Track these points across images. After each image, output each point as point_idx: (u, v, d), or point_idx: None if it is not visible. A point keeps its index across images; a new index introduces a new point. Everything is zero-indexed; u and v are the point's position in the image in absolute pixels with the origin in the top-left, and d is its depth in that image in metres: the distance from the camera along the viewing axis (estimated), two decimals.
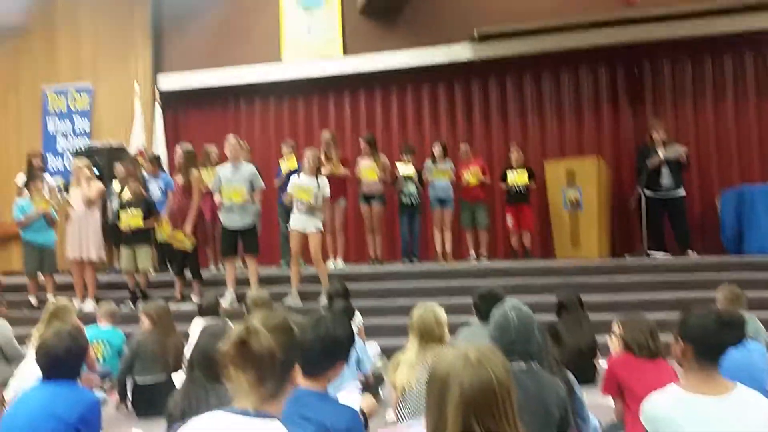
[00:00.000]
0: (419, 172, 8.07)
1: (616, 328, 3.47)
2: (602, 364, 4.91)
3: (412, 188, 7.97)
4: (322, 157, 7.84)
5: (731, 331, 2.21)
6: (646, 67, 8.79)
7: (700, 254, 7.58)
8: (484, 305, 3.85)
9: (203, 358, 2.65)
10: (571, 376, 3.00)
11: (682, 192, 7.74)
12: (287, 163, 7.86)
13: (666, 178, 7.65)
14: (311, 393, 2.24)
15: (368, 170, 7.86)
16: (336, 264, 7.94)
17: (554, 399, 2.40)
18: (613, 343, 3.48)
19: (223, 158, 7.74)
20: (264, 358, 1.55)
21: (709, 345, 2.19)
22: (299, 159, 7.39)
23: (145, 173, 8.16)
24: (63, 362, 2.86)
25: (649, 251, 7.61)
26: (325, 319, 2.39)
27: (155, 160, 8.20)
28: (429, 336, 3.31)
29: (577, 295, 5.04)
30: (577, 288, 5.97)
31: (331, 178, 7.55)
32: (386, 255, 8.45)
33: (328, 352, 2.29)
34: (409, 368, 3.20)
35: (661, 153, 7.58)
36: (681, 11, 7.98)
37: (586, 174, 7.70)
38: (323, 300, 6.66)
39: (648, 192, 7.65)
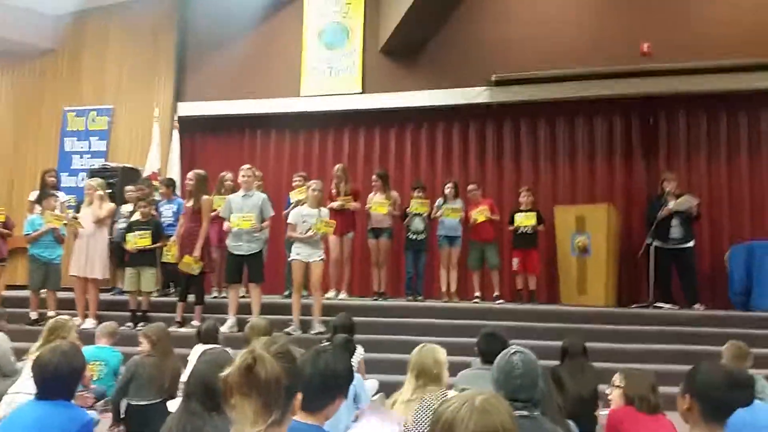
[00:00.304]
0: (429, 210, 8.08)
1: (617, 379, 3.42)
2: (603, 413, 4.82)
3: (420, 225, 7.97)
4: (333, 190, 7.90)
5: (741, 391, 2.17)
6: (661, 118, 8.82)
7: (707, 308, 7.48)
8: (487, 347, 3.80)
9: (201, 386, 2.58)
10: (572, 426, 2.95)
11: (691, 244, 7.69)
12: (298, 194, 7.89)
13: (675, 229, 7.61)
14: (309, 427, 2.22)
15: (379, 205, 7.90)
16: (338, 296, 7.94)
17: None
18: (614, 394, 3.42)
19: (237, 186, 7.83)
20: (270, 385, 1.54)
21: (718, 404, 2.14)
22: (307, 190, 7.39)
23: (158, 196, 8.26)
24: (58, 380, 2.83)
25: (655, 302, 7.54)
26: (325, 354, 2.36)
27: (170, 184, 8.29)
28: (426, 376, 3.29)
29: (583, 342, 4.96)
30: (581, 334, 5.91)
31: (341, 212, 7.61)
32: (390, 290, 8.42)
33: (327, 387, 2.27)
34: (404, 407, 3.16)
35: (672, 204, 7.56)
36: (698, 66, 8.04)
37: (596, 221, 7.67)
38: (316, 327, 6.67)
39: (657, 242, 7.61)
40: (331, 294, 8.05)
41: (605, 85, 8.51)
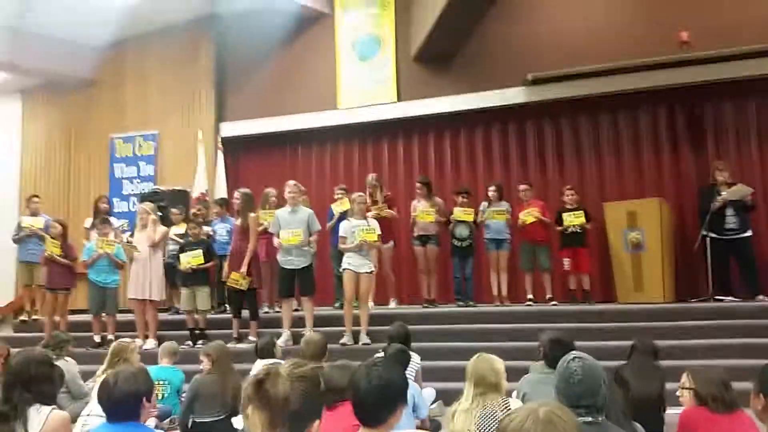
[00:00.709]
0: (474, 214, 8.02)
1: (685, 380, 3.31)
2: (671, 413, 4.69)
3: (464, 231, 7.93)
4: (368, 200, 7.90)
5: None
6: (707, 107, 8.59)
7: None
8: (552, 353, 3.75)
9: None
10: (639, 428, 2.88)
11: (748, 234, 7.44)
12: (340, 206, 7.95)
13: (731, 219, 7.39)
14: None
15: (425, 213, 7.88)
16: (391, 304, 7.98)
17: None
18: (684, 396, 3.31)
19: (281, 201, 7.94)
20: (278, 402, 1.57)
21: None
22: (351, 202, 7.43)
23: (214, 216, 8.49)
24: (125, 403, 2.85)
25: (716, 296, 7.32)
26: (376, 368, 2.36)
27: (223, 203, 8.48)
28: (484, 384, 3.29)
29: (652, 341, 4.83)
30: (641, 333, 5.78)
31: (378, 221, 7.58)
32: (439, 297, 8.38)
33: (384, 398, 2.26)
34: (465, 416, 3.16)
35: (725, 194, 7.35)
36: (741, 51, 7.82)
37: (647, 216, 7.49)
38: (362, 339, 6.70)
39: (712, 234, 7.39)
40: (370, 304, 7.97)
41: (646, 76, 8.35)
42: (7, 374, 3.21)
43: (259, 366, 4.97)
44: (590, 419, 2.35)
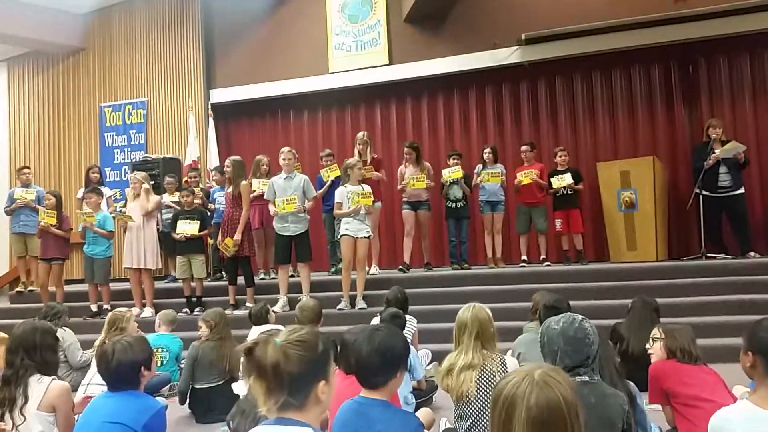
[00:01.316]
0: (466, 176, 7.98)
1: (656, 332, 3.40)
2: None
3: (458, 193, 7.90)
4: (356, 156, 7.80)
5: None
6: (701, 64, 8.52)
7: (761, 255, 7.29)
8: (546, 317, 3.78)
9: None
10: (632, 386, 2.93)
11: (741, 191, 7.47)
12: (329, 173, 7.86)
13: (724, 176, 7.40)
14: (375, 401, 2.27)
15: (417, 180, 7.71)
16: (372, 270, 7.80)
17: (617, 411, 2.34)
18: (654, 347, 3.39)
19: (273, 168, 7.92)
20: (268, 370, 1.58)
21: None
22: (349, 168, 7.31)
23: (213, 184, 8.44)
24: (124, 372, 2.88)
25: (708, 253, 7.38)
26: (379, 332, 2.40)
27: (222, 171, 8.41)
28: (485, 336, 3.19)
29: (653, 300, 4.87)
30: (633, 291, 5.84)
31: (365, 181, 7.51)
32: (434, 260, 8.41)
33: (386, 363, 2.31)
34: (466, 372, 3.08)
35: (718, 151, 7.35)
36: (735, 6, 7.71)
37: (641, 175, 7.49)
38: (359, 303, 6.76)
39: (705, 192, 7.42)
40: (375, 269, 8.02)
41: (640, 34, 8.25)
42: (11, 340, 3.25)
43: (255, 333, 5.01)
44: (587, 378, 2.39)
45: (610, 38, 8.36)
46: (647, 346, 3.51)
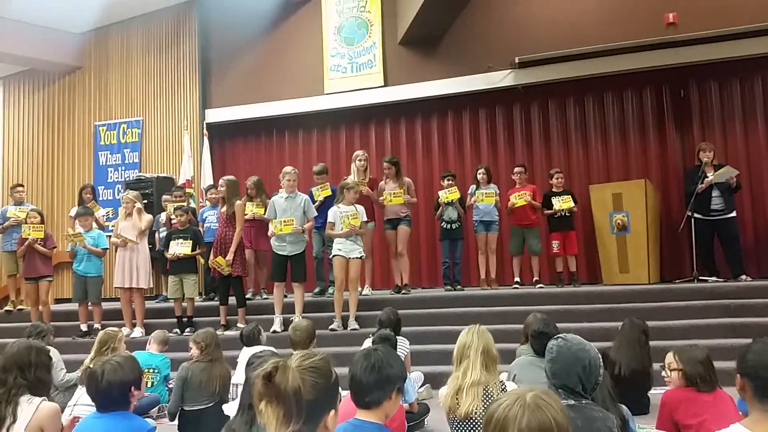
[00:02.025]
0: (461, 197, 7.98)
1: (672, 360, 3.35)
2: (656, 393, 4.76)
3: (453, 214, 7.90)
4: (353, 175, 7.81)
5: None
6: (693, 88, 8.62)
7: (753, 278, 7.32)
8: (537, 343, 3.80)
9: None
10: (625, 410, 2.90)
11: (733, 214, 7.51)
12: (321, 192, 7.84)
13: (716, 200, 7.45)
14: (371, 425, 2.25)
15: (394, 196, 7.64)
16: (364, 291, 7.74)
17: None
18: (672, 377, 3.35)
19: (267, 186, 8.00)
20: (288, 396, 1.54)
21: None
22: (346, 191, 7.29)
23: (203, 203, 8.45)
24: (113, 393, 2.87)
25: (699, 276, 7.40)
26: (375, 353, 2.41)
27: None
28: (489, 355, 3.21)
29: (643, 323, 4.88)
30: (625, 313, 5.83)
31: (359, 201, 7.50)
32: (428, 281, 8.39)
33: (380, 383, 2.30)
34: (473, 392, 3.07)
35: (711, 176, 7.40)
36: (726, 32, 7.84)
37: (633, 197, 7.54)
38: (351, 324, 6.74)
39: (697, 215, 7.46)
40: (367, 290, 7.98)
41: (632, 58, 8.35)
42: (6, 358, 3.20)
43: (246, 354, 4.97)
44: (572, 401, 2.38)
45: (602, 62, 8.45)
46: (663, 374, 3.47)
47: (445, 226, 7.94)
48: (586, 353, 2.46)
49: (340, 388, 1.72)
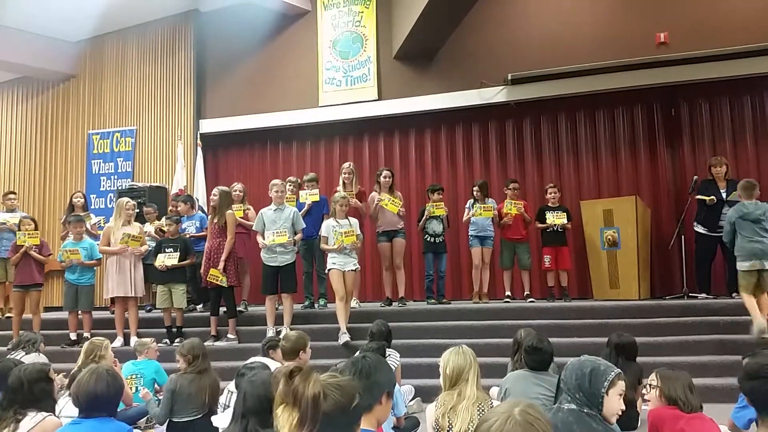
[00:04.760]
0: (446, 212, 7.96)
1: (654, 378, 3.38)
2: (645, 408, 4.76)
3: (437, 227, 7.89)
4: (340, 187, 7.85)
5: None
6: (683, 107, 8.72)
7: None
8: (530, 358, 3.82)
9: (259, 405, 2.56)
10: (615, 428, 2.90)
11: None
12: (309, 197, 7.84)
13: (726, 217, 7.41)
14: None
15: (390, 202, 7.68)
16: (352, 303, 7.60)
17: None
18: (651, 394, 3.38)
19: (253, 196, 8.03)
20: (306, 401, 1.53)
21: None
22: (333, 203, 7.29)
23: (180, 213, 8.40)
24: (99, 402, 2.93)
25: (689, 293, 7.43)
26: (364, 359, 2.41)
27: (188, 200, 8.40)
28: (478, 377, 3.27)
29: (630, 338, 4.90)
30: (616, 329, 5.85)
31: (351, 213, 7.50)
32: (408, 294, 8.33)
33: (368, 387, 2.27)
34: (468, 413, 3.10)
35: (723, 191, 7.40)
36: (717, 52, 7.95)
37: (623, 214, 7.59)
38: (348, 337, 6.68)
39: (701, 229, 7.46)
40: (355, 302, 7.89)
41: (624, 76, 8.44)
42: (5, 392, 3.26)
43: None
44: (573, 407, 2.42)
45: (594, 80, 8.54)
46: (644, 391, 3.50)
47: (429, 239, 7.92)
48: (591, 362, 2.50)
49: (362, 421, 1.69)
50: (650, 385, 3.37)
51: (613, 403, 2.46)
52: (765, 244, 6.10)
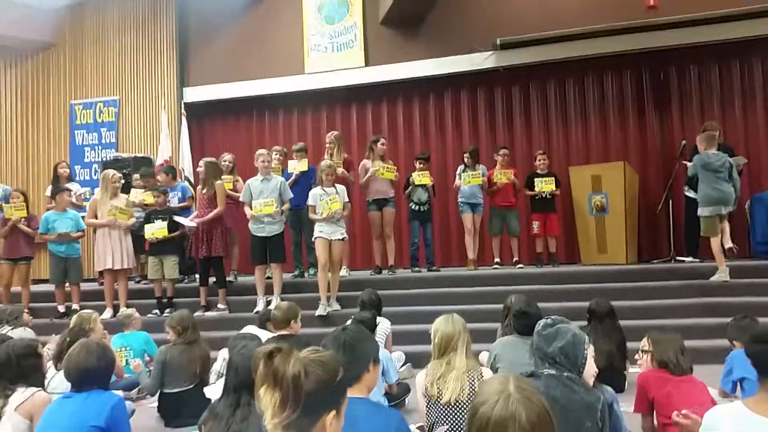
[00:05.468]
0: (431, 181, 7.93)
1: (645, 343, 3.41)
2: (632, 371, 4.84)
3: (423, 195, 7.87)
4: (326, 156, 7.78)
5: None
6: (672, 72, 8.68)
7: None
8: (518, 323, 3.85)
9: (250, 377, 2.57)
10: (610, 392, 2.93)
11: None
12: (298, 167, 7.78)
13: None
14: (354, 400, 2.24)
15: (387, 170, 7.65)
16: (342, 272, 7.58)
17: (587, 411, 2.36)
18: (643, 358, 3.41)
19: (239, 166, 8.04)
20: (286, 380, 1.51)
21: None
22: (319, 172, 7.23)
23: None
24: (90, 375, 2.94)
25: (676, 257, 7.50)
26: (346, 330, 2.46)
27: (170, 171, 8.30)
28: (468, 346, 3.24)
29: (609, 303, 4.96)
30: (604, 294, 5.91)
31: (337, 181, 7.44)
32: (407, 262, 8.37)
33: (355, 357, 2.32)
34: (457, 384, 3.09)
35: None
36: (706, 16, 7.87)
37: (612, 179, 7.61)
38: (333, 305, 6.74)
39: (692, 194, 7.48)
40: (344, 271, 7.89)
41: (613, 41, 8.38)
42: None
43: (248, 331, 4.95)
44: (553, 372, 2.42)
45: (583, 45, 8.47)
46: (636, 356, 3.53)
47: (414, 207, 7.90)
48: (568, 329, 2.50)
49: (347, 394, 1.67)
50: (642, 350, 3.40)
51: (591, 366, 2.51)
52: (723, 192, 6.43)
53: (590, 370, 2.50)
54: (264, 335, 4.82)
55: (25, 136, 10.53)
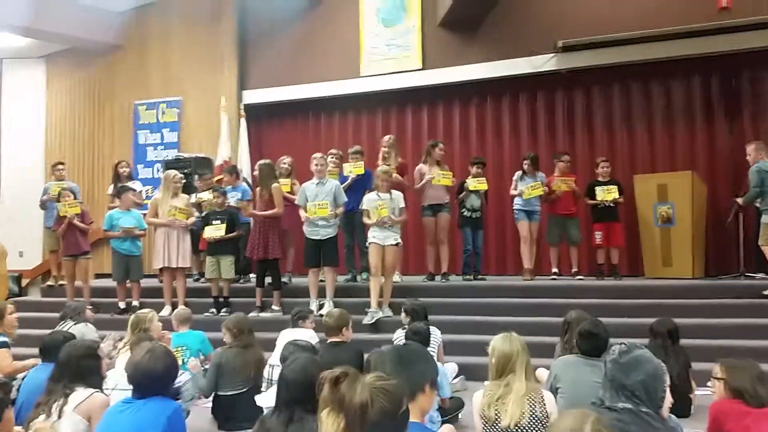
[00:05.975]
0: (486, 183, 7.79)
1: (718, 370, 3.20)
2: (698, 394, 4.61)
3: (476, 202, 7.75)
4: (380, 161, 7.73)
5: None
6: (744, 77, 8.25)
7: None
8: (583, 344, 3.67)
9: (302, 393, 2.53)
10: (674, 419, 2.77)
11: None
12: (354, 169, 7.74)
13: None
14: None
15: (444, 177, 7.57)
16: (395, 278, 7.51)
17: None
18: (715, 386, 3.20)
19: (298, 169, 8.07)
20: (353, 408, 1.47)
21: None
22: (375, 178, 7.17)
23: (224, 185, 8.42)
24: (155, 382, 2.93)
25: (746, 273, 7.13)
26: (404, 348, 2.42)
27: (233, 171, 8.42)
28: (530, 367, 3.12)
29: (673, 322, 4.73)
30: (668, 310, 5.67)
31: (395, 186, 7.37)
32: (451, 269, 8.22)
33: (410, 377, 2.20)
34: (517, 407, 2.97)
35: None
36: None
37: (678, 189, 7.29)
38: (385, 311, 6.67)
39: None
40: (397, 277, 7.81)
41: (680, 44, 8.03)
42: (56, 366, 3.31)
43: (285, 335, 4.98)
44: (629, 406, 2.29)
45: (648, 48, 8.15)
46: (708, 383, 3.34)
47: (466, 214, 7.79)
48: (646, 358, 2.38)
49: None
50: (714, 377, 3.19)
51: (668, 398, 2.38)
52: None
53: (667, 402, 2.37)
54: (301, 334, 4.84)
55: (91, 135, 10.90)
